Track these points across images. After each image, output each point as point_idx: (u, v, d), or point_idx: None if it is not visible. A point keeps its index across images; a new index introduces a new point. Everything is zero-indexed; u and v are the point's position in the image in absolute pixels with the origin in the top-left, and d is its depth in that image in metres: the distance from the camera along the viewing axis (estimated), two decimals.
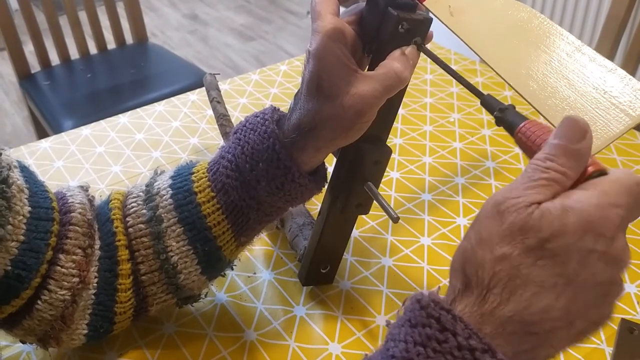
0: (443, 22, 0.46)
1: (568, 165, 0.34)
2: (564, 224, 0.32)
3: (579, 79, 0.40)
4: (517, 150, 0.85)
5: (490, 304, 0.32)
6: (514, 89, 0.41)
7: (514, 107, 0.40)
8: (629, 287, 0.63)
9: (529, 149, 0.38)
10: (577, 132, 0.34)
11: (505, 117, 0.39)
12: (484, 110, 0.99)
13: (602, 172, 0.34)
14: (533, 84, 0.41)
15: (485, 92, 0.42)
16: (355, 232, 0.71)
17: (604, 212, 0.32)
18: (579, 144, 0.34)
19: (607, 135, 0.38)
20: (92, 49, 1.71)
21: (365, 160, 0.53)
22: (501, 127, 0.40)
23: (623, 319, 0.58)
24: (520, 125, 0.38)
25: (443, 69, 0.46)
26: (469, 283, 0.34)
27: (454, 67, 0.88)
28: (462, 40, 0.45)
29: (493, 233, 0.33)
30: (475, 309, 0.33)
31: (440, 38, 0.84)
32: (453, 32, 0.46)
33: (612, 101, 0.38)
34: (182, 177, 0.53)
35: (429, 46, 0.49)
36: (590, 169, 0.35)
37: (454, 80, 1.05)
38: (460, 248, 0.35)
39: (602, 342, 0.57)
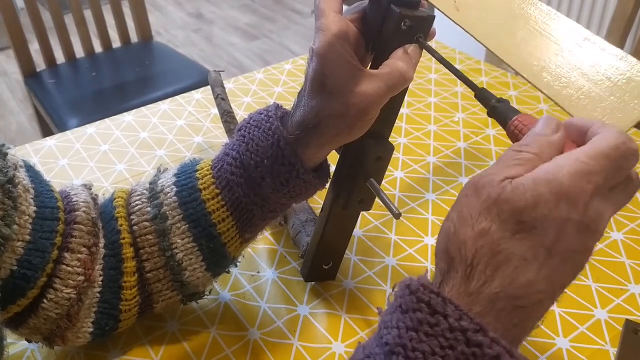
0: (450, 18, 0.46)
1: (541, 150, 0.35)
2: (537, 195, 0.32)
3: (592, 68, 0.40)
4: None
5: (476, 283, 0.33)
6: (528, 81, 0.42)
7: (508, 102, 0.40)
8: (634, 288, 0.63)
9: (519, 141, 0.38)
10: (550, 126, 0.36)
11: (499, 111, 0.40)
12: None
13: None
14: (547, 75, 0.41)
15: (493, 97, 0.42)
16: (359, 232, 0.71)
17: (575, 179, 0.32)
18: (552, 136, 0.35)
19: (625, 123, 0.38)
20: (98, 48, 1.72)
21: (367, 156, 0.53)
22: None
23: (627, 320, 0.58)
24: (513, 119, 0.38)
25: (443, 65, 0.46)
26: (452, 262, 0.34)
27: (458, 66, 0.88)
28: (470, 34, 0.45)
29: (472, 209, 0.34)
30: (463, 289, 0.33)
31: (445, 37, 0.84)
32: (460, 27, 0.46)
33: (625, 88, 0.39)
34: (187, 175, 0.53)
35: (432, 44, 0.49)
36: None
37: (459, 80, 1.05)
38: (443, 229, 0.36)
39: (607, 343, 0.57)
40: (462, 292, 0.33)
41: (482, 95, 0.42)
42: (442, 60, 0.46)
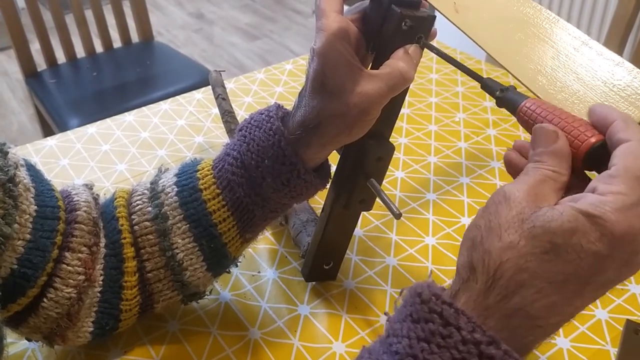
0: (448, 19, 0.46)
1: (554, 164, 0.35)
2: (573, 225, 0.31)
3: (587, 72, 0.40)
4: None
5: (495, 297, 0.32)
6: (523, 84, 0.42)
7: (515, 88, 0.40)
8: (635, 288, 0.63)
9: (531, 126, 0.38)
10: (548, 136, 0.36)
11: (507, 97, 0.40)
12: (489, 109, 0.99)
13: (603, 144, 0.35)
14: (542, 78, 0.41)
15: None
16: (359, 232, 0.71)
17: (627, 222, 0.31)
18: (555, 145, 0.35)
19: None
20: (98, 48, 1.72)
21: (368, 156, 0.53)
22: (506, 127, 0.40)
23: (628, 320, 0.58)
24: (522, 103, 0.38)
25: (446, 60, 0.47)
26: (473, 272, 0.33)
27: None
28: (468, 36, 0.45)
29: (502, 219, 0.33)
30: (480, 301, 0.32)
31: (445, 37, 0.84)
32: (459, 28, 0.46)
33: (621, 94, 0.39)
34: (187, 175, 0.53)
35: (433, 44, 0.49)
36: (593, 140, 0.35)
37: (460, 80, 1.05)
38: (468, 238, 0.35)
39: (607, 343, 0.57)
40: (478, 304, 0.32)
41: (487, 85, 0.42)
42: (443, 55, 0.46)
